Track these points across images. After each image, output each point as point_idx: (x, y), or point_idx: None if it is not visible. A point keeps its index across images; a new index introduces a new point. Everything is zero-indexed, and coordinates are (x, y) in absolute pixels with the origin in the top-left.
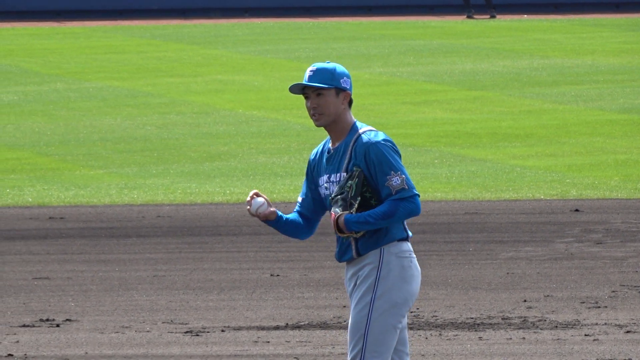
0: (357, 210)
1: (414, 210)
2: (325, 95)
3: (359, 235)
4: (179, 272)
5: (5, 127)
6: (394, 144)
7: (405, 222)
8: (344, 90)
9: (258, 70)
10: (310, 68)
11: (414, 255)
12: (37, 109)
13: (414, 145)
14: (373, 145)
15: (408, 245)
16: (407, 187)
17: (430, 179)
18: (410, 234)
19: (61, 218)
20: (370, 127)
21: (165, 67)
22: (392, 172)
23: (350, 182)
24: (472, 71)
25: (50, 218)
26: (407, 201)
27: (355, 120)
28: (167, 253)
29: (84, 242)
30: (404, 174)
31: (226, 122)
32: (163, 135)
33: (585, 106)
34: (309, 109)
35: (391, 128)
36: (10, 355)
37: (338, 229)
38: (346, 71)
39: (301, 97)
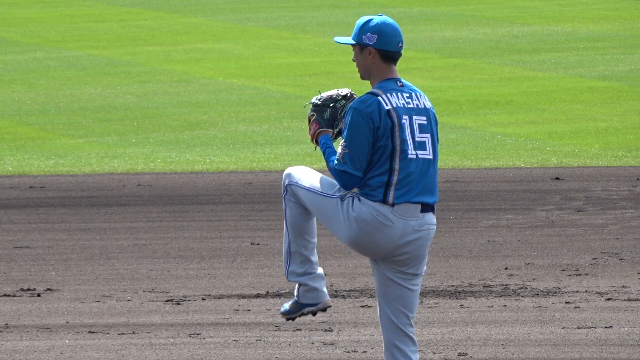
0: (335, 135)
1: (340, 184)
2: (354, 50)
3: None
4: (160, 241)
5: None
6: (363, 113)
7: (394, 188)
8: (366, 46)
9: (238, 38)
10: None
11: (385, 221)
12: (17, 78)
13: None
14: (349, 110)
15: (381, 207)
16: (341, 161)
17: None
18: (392, 200)
19: (42, 187)
20: (375, 90)
21: (145, 36)
22: (343, 140)
23: (347, 103)
24: (452, 39)
25: (30, 187)
26: (338, 173)
27: (386, 79)
28: (148, 222)
29: (65, 211)
30: (350, 147)
31: (206, 90)
32: (143, 104)
33: (565, 73)
34: None
35: None
36: None
37: (314, 136)
38: (377, 25)
39: (277, 65)
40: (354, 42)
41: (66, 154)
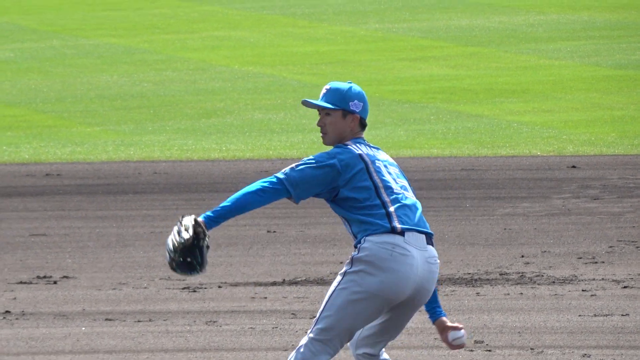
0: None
1: (259, 184)
2: (332, 115)
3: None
4: None
5: (2, 85)
6: (336, 157)
7: (395, 216)
8: (352, 113)
9: (254, 26)
10: (326, 86)
11: (403, 252)
12: (33, 66)
13: (410, 102)
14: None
15: (393, 238)
16: (279, 172)
17: (426, 135)
18: (399, 226)
19: (58, 175)
20: (347, 146)
21: (162, 24)
22: (297, 164)
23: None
24: (469, 27)
25: (46, 175)
26: (265, 182)
27: (353, 140)
28: (164, 209)
29: (81, 199)
30: (301, 171)
31: (222, 78)
32: (159, 92)
33: (582, 62)
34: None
35: (387, 84)
36: (7, 312)
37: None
38: (361, 93)
39: (293, 53)
40: (338, 108)
41: (82, 141)
